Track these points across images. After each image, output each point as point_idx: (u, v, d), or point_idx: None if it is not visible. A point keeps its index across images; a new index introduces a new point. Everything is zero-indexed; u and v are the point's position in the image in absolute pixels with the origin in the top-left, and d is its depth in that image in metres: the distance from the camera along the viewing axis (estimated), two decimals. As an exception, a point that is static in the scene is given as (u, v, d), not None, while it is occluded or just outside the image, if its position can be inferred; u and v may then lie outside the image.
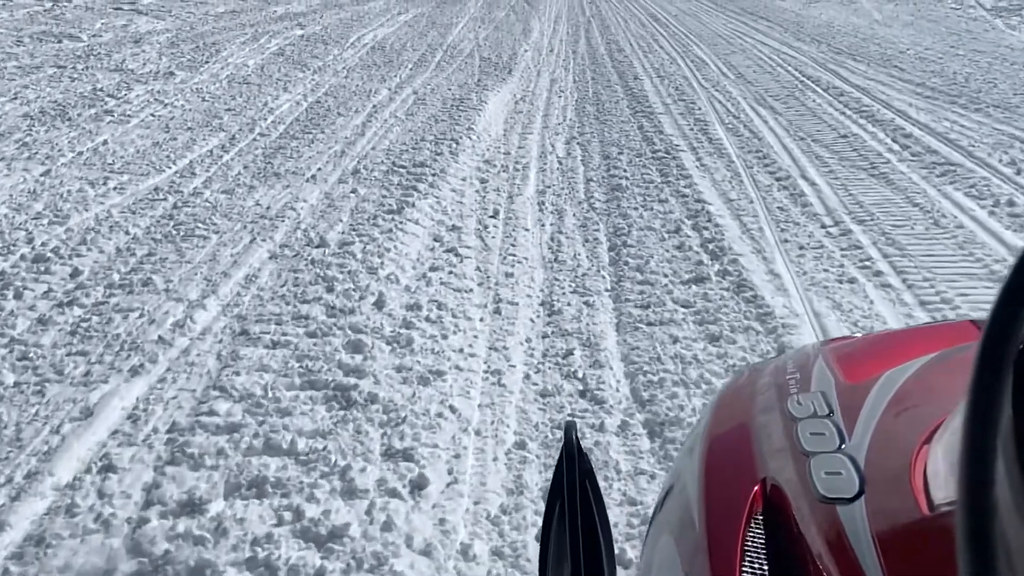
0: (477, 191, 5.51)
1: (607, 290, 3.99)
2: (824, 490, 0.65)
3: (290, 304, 3.47)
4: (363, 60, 10.26)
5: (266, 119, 7.08)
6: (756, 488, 0.72)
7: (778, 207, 5.01)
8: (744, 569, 0.64)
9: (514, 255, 4.42)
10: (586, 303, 3.83)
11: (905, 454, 0.64)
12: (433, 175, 5.56)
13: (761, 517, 0.70)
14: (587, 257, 4.41)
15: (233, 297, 3.58)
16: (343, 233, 4.40)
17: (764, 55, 10.40)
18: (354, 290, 3.63)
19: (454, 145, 6.33)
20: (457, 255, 4.32)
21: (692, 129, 7.06)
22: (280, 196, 5.04)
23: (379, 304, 3.52)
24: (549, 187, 5.68)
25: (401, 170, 5.66)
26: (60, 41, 11.42)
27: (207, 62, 9.92)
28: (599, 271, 4.21)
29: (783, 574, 0.64)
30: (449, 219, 4.88)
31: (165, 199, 4.98)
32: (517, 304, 3.78)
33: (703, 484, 0.78)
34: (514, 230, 4.82)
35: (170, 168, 5.65)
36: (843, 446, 0.71)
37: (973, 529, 0.35)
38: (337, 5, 15.98)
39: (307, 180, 5.41)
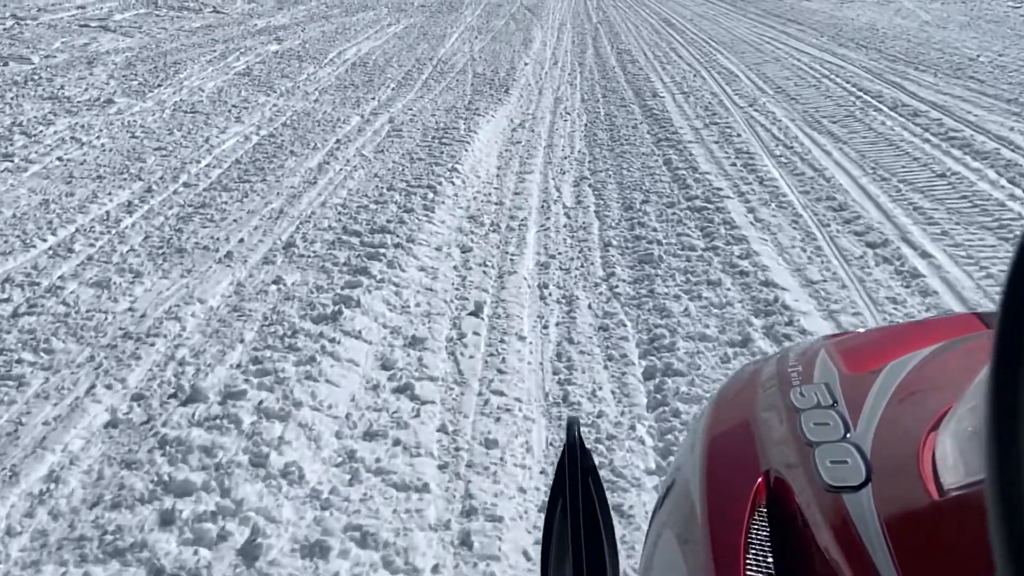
0: (455, 267, 3.90)
1: (649, 472, 2.37)
2: (830, 479, 0.61)
3: (86, 564, 1.87)
4: (340, 79, 8.68)
5: (199, 162, 5.49)
6: (759, 480, 0.68)
7: (887, 297, 3.36)
8: (748, 561, 0.60)
9: (502, 393, 2.80)
10: (618, 509, 2.22)
11: (912, 441, 0.61)
12: (396, 245, 3.96)
13: (765, 509, 0.66)
14: (613, 394, 2.79)
15: (-6, 541, 1.98)
16: (236, 368, 2.79)
17: (804, 65, 8.72)
18: (212, 517, 2.01)
19: (430, 195, 4.72)
20: (413, 399, 2.71)
21: (735, 164, 5.43)
22: (169, 292, 3.44)
23: (250, 553, 1.91)
24: (554, 257, 4.07)
25: (353, 239, 4.05)
26: (6, 64, 9.90)
27: (159, 86, 8.36)
28: (633, 428, 2.58)
29: (788, 565, 0.60)
30: (411, 323, 3.27)
31: (9, 299, 3.39)
32: (500, 519, 2.16)
33: (704, 478, 0.73)
34: (503, 339, 3.20)
35: (44, 242, 4.06)
36: (848, 435, 0.68)
37: (1007, 498, 0.32)
38: (324, 17, 14.43)
39: (218, 260, 3.80)
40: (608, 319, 3.36)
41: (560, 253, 4.11)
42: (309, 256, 3.86)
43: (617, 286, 3.68)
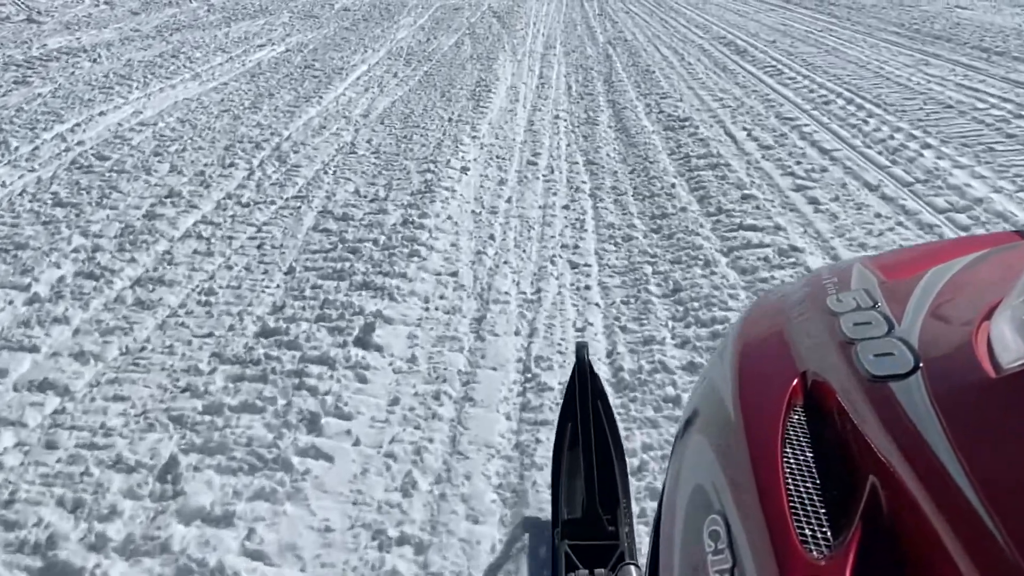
0: None
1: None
2: (875, 370, 0.56)
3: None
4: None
5: None
6: (796, 381, 0.62)
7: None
8: (787, 457, 0.55)
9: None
10: None
11: (964, 330, 0.57)
12: None
13: (801, 408, 0.60)
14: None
15: None
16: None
17: None
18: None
19: None
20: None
21: None
22: None
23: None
24: None
25: None
26: None
27: None
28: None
29: (828, 457, 0.55)
30: None
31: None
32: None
33: (737, 382, 0.67)
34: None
35: None
36: (892, 331, 0.61)
37: None
38: (184, 27, 8.54)
39: None
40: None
41: None
42: None
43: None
